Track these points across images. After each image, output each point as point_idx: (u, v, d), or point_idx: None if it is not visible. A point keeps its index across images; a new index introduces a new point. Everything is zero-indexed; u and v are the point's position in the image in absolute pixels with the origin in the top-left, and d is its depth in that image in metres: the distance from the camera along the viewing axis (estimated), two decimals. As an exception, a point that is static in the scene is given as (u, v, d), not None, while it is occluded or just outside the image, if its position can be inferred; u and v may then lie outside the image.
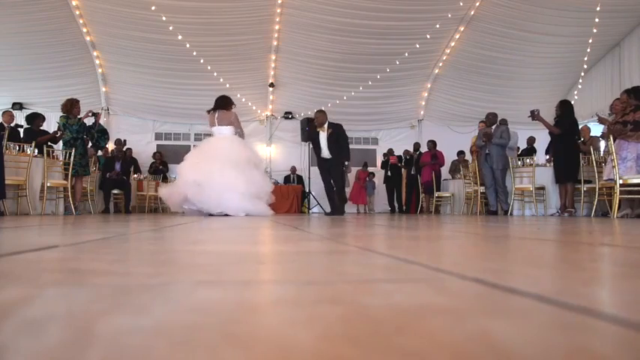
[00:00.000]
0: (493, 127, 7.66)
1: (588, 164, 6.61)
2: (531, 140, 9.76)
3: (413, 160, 10.72)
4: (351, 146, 13.26)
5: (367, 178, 12.29)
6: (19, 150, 6.12)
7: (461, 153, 10.41)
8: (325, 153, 7.00)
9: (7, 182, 5.63)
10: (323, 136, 6.96)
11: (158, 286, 0.66)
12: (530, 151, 9.52)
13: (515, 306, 0.53)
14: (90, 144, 7.26)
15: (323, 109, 7.89)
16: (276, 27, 10.39)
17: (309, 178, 10.28)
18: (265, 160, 12.69)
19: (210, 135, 6.62)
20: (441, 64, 11.60)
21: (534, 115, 6.81)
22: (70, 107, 6.63)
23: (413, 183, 10.74)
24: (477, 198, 8.19)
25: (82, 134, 6.74)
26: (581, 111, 11.34)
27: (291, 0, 9.70)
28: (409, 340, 0.38)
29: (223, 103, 6.24)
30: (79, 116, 6.71)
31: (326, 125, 6.95)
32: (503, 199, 7.50)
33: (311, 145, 7.51)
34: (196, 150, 6.37)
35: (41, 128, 7.22)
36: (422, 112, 12.85)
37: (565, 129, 6.77)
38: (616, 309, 0.53)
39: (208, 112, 6.29)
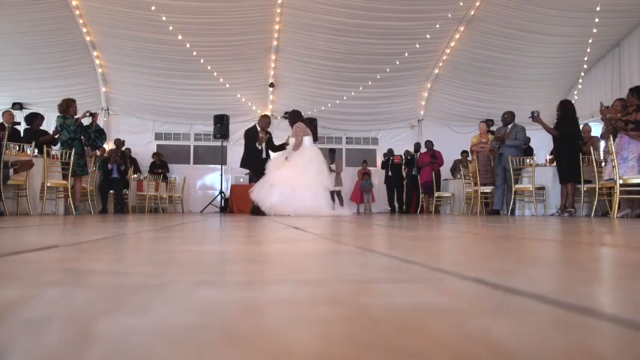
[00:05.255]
0: (509, 126, 7.59)
1: (588, 164, 6.59)
2: (527, 140, 9.76)
3: (414, 160, 10.72)
4: (350, 146, 13.51)
5: (364, 177, 12.21)
6: (19, 150, 6.12)
7: (464, 152, 10.40)
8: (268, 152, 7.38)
9: (7, 182, 5.63)
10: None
11: (158, 286, 0.66)
12: (527, 151, 9.51)
13: (515, 306, 0.53)
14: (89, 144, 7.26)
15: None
16: (276, 27, 10.38)
17: None
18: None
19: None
20: (441, 64, 11.59)
21: (534, 117, 6.79)
22: (66, 107, 6.63)
23: (413, 183, 10.74)
24: (477, 198, 8.19)
25: (80, 134, 6.73)
26: (581, 111, 11.30)
27: (291, 0, 9.70)
28: (409, 340, 0.38)
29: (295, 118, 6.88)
30: (76, 116, 6.71)
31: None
32: (510, 200, 7.47)
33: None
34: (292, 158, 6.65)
35: (41, 128, 7.22)
36: (422, 112, 12.84)
37: (564, 131, 6.75)
38: (616, 309, 0.53)
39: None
